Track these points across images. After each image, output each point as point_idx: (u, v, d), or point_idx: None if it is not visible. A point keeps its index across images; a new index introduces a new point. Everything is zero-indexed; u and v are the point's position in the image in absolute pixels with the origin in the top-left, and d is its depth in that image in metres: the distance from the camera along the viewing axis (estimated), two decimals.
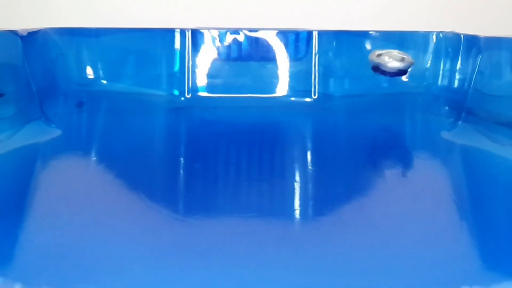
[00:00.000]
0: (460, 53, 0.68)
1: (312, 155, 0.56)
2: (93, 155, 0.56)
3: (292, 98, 0.71)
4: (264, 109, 0.69)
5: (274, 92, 0.71)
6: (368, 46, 0.73)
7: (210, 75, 0.71)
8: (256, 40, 0.71)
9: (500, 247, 0.34)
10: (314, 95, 0.71)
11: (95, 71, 0.71)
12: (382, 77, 0.73)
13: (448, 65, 0.70)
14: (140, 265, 0.30)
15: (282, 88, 0.71)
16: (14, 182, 0.46)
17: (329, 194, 0.44)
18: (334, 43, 0.72)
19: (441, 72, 0.71)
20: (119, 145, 0.58)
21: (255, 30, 0.71)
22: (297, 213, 0.40)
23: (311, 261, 0.32)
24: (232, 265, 0.30)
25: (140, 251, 0.32)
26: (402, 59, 0.62)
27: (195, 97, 0.70)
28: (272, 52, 0.71)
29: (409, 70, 0.65)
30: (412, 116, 0.70)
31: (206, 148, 0.57)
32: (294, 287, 0.29)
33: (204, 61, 0.71)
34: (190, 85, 0.71)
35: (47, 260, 0.31)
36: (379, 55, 0.63)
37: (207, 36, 0.71)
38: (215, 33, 0.71)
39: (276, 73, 0.71)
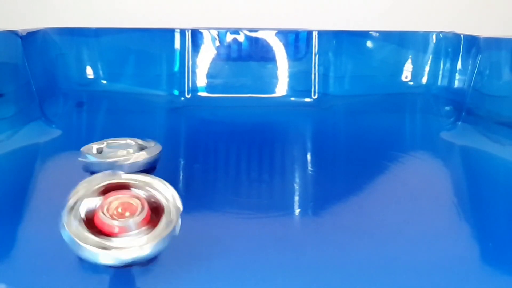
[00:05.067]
0: (460, 53, 0.68)
1: (312, 155, 0.56)
2: None
3: (292, 98, 0.71)
4: (264, 109, 0.69)
5: (274, 92, 0.71)
6: (368, 46, 0.73)
7: (210, 75, 0.71)
8: (256, 40, 0.71)
9: (500, 248, 0.34)
10: (314, 95, 0.71)
11: (95, 71, 0.71)
12: (382, 77, 0.73)
13: (448, 65, 0.70)
14: (139, 266, 0.30)
15: (282, 88, 0.71)
16: (14, 182, 0.46)
17: (329, 195, 0.44)
18: (334, 43, 0.72)
19: (441, 72, 0.71)
20: None
21: (255, 30, 0.72)
22: (297, 213, 0.40)
23: (310, 262, 0.32)
24: (231, 266, 0.30)
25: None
26: (143, 148, 0.40)
27: (195, 97, 0.70)
28: (272, 52, 0.71)
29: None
30: (412, 116, 0.70)
31: (206, 148, 0.57)
32: None
33: (204, 61, 0.71)
34: (190, 85, 0.71)
35: (47, 262, 0.31)
36: (102, 149, 0.39)
37: (207, 36, 0.71)
38: (215, 33, 0.71)
39: (276, 73, 0.71)
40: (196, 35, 0.71)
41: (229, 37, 0.71)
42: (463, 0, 0.83)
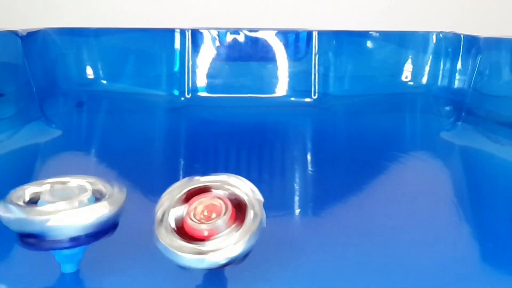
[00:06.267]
0: (460, 53, 0.68)
1: (312, 155, 0.56)
2: (93, 155, 0.56)
3: (292, 98, 0.71)
4: (264, 109, 0.69)
5: (274, 92, 0.71)
6: (368, 46, 0.73)
7: (210, 75, 0.71)
8: (256, 40, 0.71)
9: (500, 248, 0.34)
10: (314, 95, 0.71)
11: (95, 71, 0.71)
12: (382, 77, 0.73)
13: (448, 65, 0.70)
14: (139, 267, 0.30)
15: (282, 88, 0.71)
16: (14, 182, 0.46)
17: (328, 195, 0.44)
18: (334, 43, 0.72)
19: (441, 72, 0.71)
20: (119, 145, 0.58)
21: (255, 30, 0.72)
22: (297, 213, 0.40)
23: (310, 262, 0.32)
24: (231, 266, 0.30)
25: (140, 252, 0.32)
26: (102, 196, 0.28)
27: (195, 97, 0.70)
28: (272, 52, 0.71)
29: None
30: (412, 116, 0.71)
31: (206, 148, 0.57)
32: None
33: (204, 61, 0.71)
34: (190, 85, 0.71)
35: (47, 263, 0.31)
36: (39, 195, 0.28)
37: (207, 36, 0.71)
38: (215, 33, 0.71)
39: (276, 73, 0.71)
40: (196, 35, 0.71)
41: (229, 37, 0.71)
42: (463, 0, 0.83)
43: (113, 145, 0.58)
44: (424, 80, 0.72)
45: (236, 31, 0.71)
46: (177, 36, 0.71)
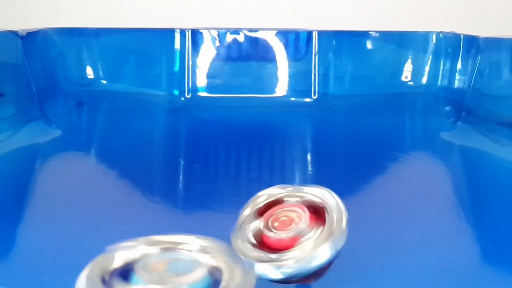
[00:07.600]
0: (460, 53, 0.68)
1: (312, 155, 0.56)
2: (93, 155, 0.56)
3: (292, 98, 0.71)
4: (264, 109, 0.69)
5: (274, 92, 0.71)
6: (368, 46, 0.73)
7: (210, 75, 0.71)
8: (256, 40, 0.71)
9: (500, 248, 0.34)
10: (314, 95, 0.71)
11: (95, 71, 0.71)
12: (382, 77, 0.73)
13: (448, 65, 0.70)
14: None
15: (282, 88, 0.71)
16: (14, 182, 0.46)
17: None
18: (334, 43, 0.72)
19: (440, 72, 0.71)
20: (119, 145, 0.58)
21: (255, 30, 0.72)
22: None
23: None
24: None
25: None
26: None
27: (195, 97, 0.70)
28: (272, 52, 0.71)
29: None
30: (412, 116, 0.71)
31: (206, 148, 0.57)
32: None
33: (204, 61, 0.71)
34: (190, 85, 0.71)
35: (47, 263, 0.31)
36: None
37: (207, 36, 0.71)
38: (215, 33, 0.71)
39: (276, 73, 0.71)
40: (196, 35, 0.71)
41: (229, 37, 0.71)
42: (463, 0, 0.83)
43: (113, 145, 0.58)
44: (424, 80, 0.72)
45: (236, 31, 0.71)
46: (177, 36, 0.71)
